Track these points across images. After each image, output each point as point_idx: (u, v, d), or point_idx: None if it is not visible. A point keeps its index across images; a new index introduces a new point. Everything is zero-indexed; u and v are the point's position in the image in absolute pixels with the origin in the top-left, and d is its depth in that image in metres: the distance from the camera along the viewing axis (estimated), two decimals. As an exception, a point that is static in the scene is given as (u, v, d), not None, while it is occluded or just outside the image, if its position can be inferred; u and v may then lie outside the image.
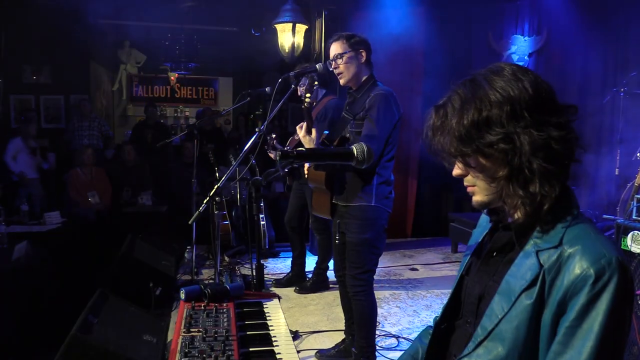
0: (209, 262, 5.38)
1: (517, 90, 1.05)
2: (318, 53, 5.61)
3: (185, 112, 11.15)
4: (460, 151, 1.07)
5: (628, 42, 6.00)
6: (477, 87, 1.09)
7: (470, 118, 1.05)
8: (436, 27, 6.42)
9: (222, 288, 1.80)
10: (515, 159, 1.05)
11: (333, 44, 2.86)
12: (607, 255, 0.99)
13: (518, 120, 1.04)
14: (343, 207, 2.86)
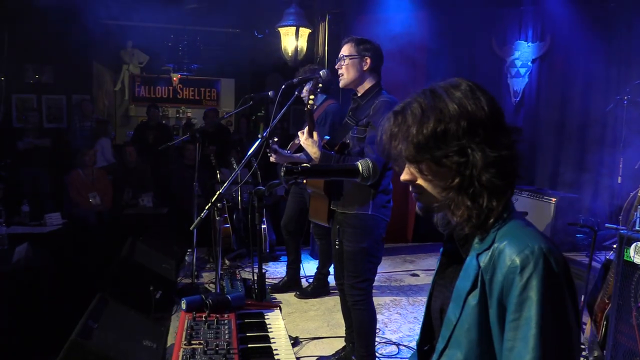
0: (209, 265, 5.37)
1: (474, 107, 1.09)
2: (321, 56, 5.60)
3: (187, 112, 11.13)
4: (416, 158, 1.11)
5: (631, 49, 5.98)
6: (437, 98, 1.12)
7: (430, 128, 1.08)
8: (439, 31, 6.41)
9: (224, 299, 1.78)
10: (467, 172, 1.09)
11: (343, 46, 2.87)
12: (529, 245, 1.03)
13: (473, 135, 1.08)
14: (340, 214, 2.85)
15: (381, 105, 2.70)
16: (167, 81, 10.80)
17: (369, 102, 2.80)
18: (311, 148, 2.64)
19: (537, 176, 6.76)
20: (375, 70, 2.88)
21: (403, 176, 1.19)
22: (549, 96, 6.67)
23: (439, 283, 1.25)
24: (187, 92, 11.22)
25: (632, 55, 5.97)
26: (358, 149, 2.78)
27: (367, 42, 2.86)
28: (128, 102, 10.56)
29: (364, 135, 2.75)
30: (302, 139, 2.66)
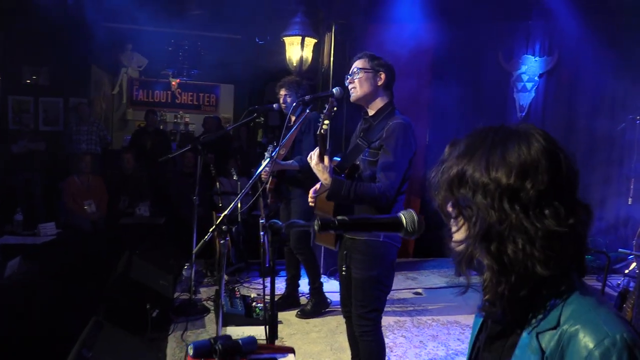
0: (207, 279, 5.22)
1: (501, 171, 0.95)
2: (326, 67, 5.48)
3: (186, 118, 11.00)
4: (442, 195, 1.02)
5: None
6: (481, 144, 1.00)
7: (457, 171, 0.99)
8: (446, 43, 6.30)
9: (234, 343, 1.65)
10: (471, 232, 0.98)
11: (355, 62, 2.76)
12: (610, 334, 0.88)
13: (485, 197, 0.96)
14: (349, 240, 2.72)
15: (395, 128, 2.58)
16: (165, 85, 10.66)
17: (381, 123, 2.67)
18: (322, 174, 2.51)
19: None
20: (389, 88, 2.76)
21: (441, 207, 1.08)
22: (556, 112, 6.57)
23: (486, 356, 1.09)
24: (186, 97, 11.08)
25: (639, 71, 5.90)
26: (369, 172, 2.65)
27: (380, 58, 2.76)
28: (126, 105, 10.41)
29: (376, 158, 2.62)
30: (312, 164, 2.53)
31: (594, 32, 5.92)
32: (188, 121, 11.03)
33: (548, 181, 0.94)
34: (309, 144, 4.26)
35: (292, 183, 4.39)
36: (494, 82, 6.73)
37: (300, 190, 4.37)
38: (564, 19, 6.12)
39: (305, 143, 4.26)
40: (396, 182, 2.53)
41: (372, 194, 2.50)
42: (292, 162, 4.19)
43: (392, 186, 2.53)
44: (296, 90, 4.31)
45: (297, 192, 4.39)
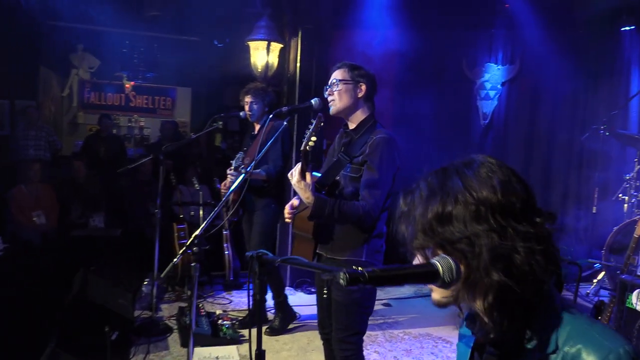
0: (168, 294, 4.96)
1: (485, 191, 0.97)
2: (292, 73, 5.32)
3: (140, 122, 10.53)
4: (422, 243, 0.99)
5: (599, 75, 6.04)
6: (447, 178, 1.01)
7: (435, 211, 0.97)
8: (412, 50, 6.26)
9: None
10: (473, 264, 0.95)
11: (334, 72, 2.62)
12: (613, 349, 0.90)
13: (480, 222, 0.95)
14: (329, 260, 2.58)
15: (379, 143, 2.45)
16: (118, 88, 10.20)
17: (363, 137, 2.54)
18: (304, 192, 2.35)
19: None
20: (370, 100, 2.64)
21: (415, 262, 1.04)
22: (518, 120, 6.65)
23: None
24: (141, 100, 10.62)
25: (599, 80, 6.03)
26: (351, 189, 2.52)
27: (361, 68, 2.62)
28: (76, 108, 9.90)
29: (359, 174, 2.49)
30: (294, 181, 2.37)
31: (556, 42, 6.02)
32: (143, 125, 10.57)
33: (524, 193, 0.98)
34: (277, 154, 4.10)
35: (257, 193, 4.19)
36: (458, 90, 6.75)
37: (266, 201, 4.19)
38: (527, 28, 6.19)
39: (273, 152, 4.10)
40: (381, 201, 2.41)
41: (357, 213, 2.37)
42: (259, 172, 4.01)
43: (377, 205, 2.41)
44: (262, 98, 4.14)
45: (261, 203, 4.20)
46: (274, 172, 4.02)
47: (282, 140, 4.08)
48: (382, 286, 0.78)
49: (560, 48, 6.02)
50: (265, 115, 4.21)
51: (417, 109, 6.37)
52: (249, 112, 4.13)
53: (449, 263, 0.91)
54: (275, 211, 4.16)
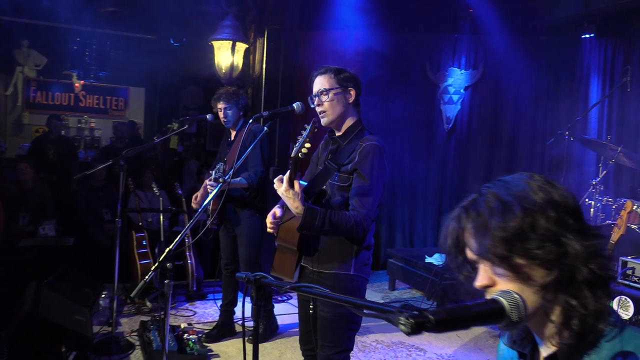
0: (127, 307, 4.67)
1: (558, 196, 1.00)
2: (258, 75, 5.14)
3: (91, 122, 10.08)
4: (506, 254, 0.97)
5: (560, 80, 6.16)
6: (515, 187, 1.02)
7: (518, 219, 0.97)
8: (375, 54, 6.22)
9: None
10: (566, 263, 0.95)
11: (318, 78, 2.44)
12: None
13: (564, 225, 0.97)
14: (315, 273, 2.43)
15: (369, 150, 2.32)
16: (67, 87, 9.71)
17: (351, 144, 2.41)
18: (292, 201, 2.19)
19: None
20: (358, 104, 2.51)
21: (480, 281, 1.02)
22: (481, 124, 6.71)
23: None
24: (91, 99, 10.17)
25: (560, 86, 6.15)
26: (340, 198, 2.38)
27: (345, 71, 2.47)
28: (21, 108, 9.34)
29: (347, 183, 2.36)
30: (281, 190, 2.21)
31: (519, 47, 6.10)
32: (93, 126, 10.13)
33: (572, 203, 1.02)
34: (256, 159, 3.91)
35: (239, 204, 3.99)
36: (422, 94, 6.75)
37: (248, 212, 3.99)
38: (490, 33, 6.25)
39: (252, 158, 3.91)
40: (372, 210, 2.29)
41: (348, 223, 2.23)
42: (240, 180, 3.81)
43: (369, 214, 2.28)
44: (235, 102, 3.94)
45: (244, 214, 4.00)
46: (256, 180, 3.82)
47: (262, 145, 3.89)
48: (449, 331, 0.65)
49: (522, 53, 6.11)
50: (241, 120, 4.01)
51: (381, 112, 6.33)
52: (224, 118, 3.93)
53: (515, 299, 0.80)
54: (260, 220, 3.95)
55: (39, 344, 3.17)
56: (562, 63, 6.10)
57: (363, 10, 5.76)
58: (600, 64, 5.72)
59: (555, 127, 6.10)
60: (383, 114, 6.36)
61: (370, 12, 5.79)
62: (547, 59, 6.19)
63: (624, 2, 5.24)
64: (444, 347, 4.20)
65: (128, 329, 4.18)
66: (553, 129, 6.14)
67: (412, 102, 6.65)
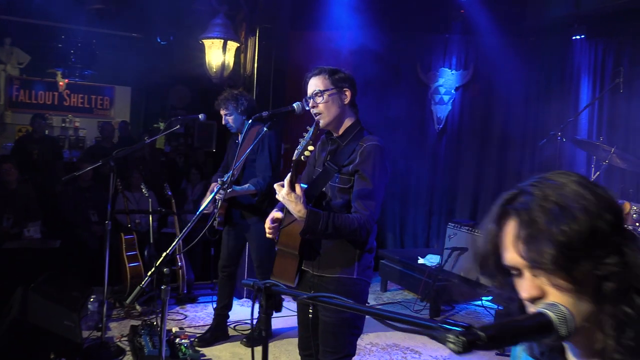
0: (116, 311, 4.57)
1: (608, 197, 0.93)
2: (249, 74, 5.06)
3: (75, 122, 9.89)
4: (567, 263, 0.87)
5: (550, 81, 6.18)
6: (564, 186, 0.93)
7: (581, 224, 0.88)
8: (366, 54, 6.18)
9: None
10: (627, 273, 0.88)
11: (312, 79, 2.39)
12: None
13: (620, 231, 0.91)
14: (316, 277, 2.38)
15: (371, 151, 2.28)
16: (51, 85, 9.51)
17: (351, 144, 2.36)
18: (294, 205, 2.13)
19: (458, 207, 6.76)
20: (354, 104, 2.47)
21: (528, 292, 0.91)
22: (471, 125, 6.70)
23: None
24: (76, 98, 9.97)
25: (550, 87, 6.17)
26: (341, 201, 2.33)
27: (340, 71, 2.42)
28: (4, 107, 9.13)
29: (348, 185, 2.31)
30: (282, 193, 2.15)
31: (509, 48, 6.10)
32: (78, 125, 9.95)
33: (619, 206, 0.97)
34: (264, 164, 3.84)
35: (248, 209, 3.93)
36: (413, 94, 6.73)
37: (256, 219, 3.93)
38: (480, 34, 6.25)
39: (260, 163, 3.84)
40: (376, 212, 2.25)
41: (352, 226, 2.19)
42: (248, 187, 3.74)
43: (372, 217, 2.24)
44: (235, 107, 3.85)
45: (253, 219, 3.94)
46: (264, 186, 3.75)
47: (270, 149, 3.82)
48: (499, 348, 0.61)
49: (513, 54, 6.11)
50: (246, 123, 3.92)
51: (372, 112, 6.28)
52: (227, 125, 3.87)
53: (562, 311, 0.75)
54: None
55: (27, 351, 3.07)
56: (553, 64, 6.12)
57: (355, 9, 5.72)
58: (591, 65, 5.75)
59: (546, 128, 6.12)
60: (373, 114, 6.32)
61: (362, 12, 5.75)
62: (537, 59, 6.20)
63: (615, 3, 5.28)
64: (438, 350, 4.17)
65: (118, 334, 4.09)
66: (544, 129, 6.16)
67: (403, 102, 6.63)
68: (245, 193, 3.75)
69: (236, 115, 3.87)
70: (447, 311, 5.13)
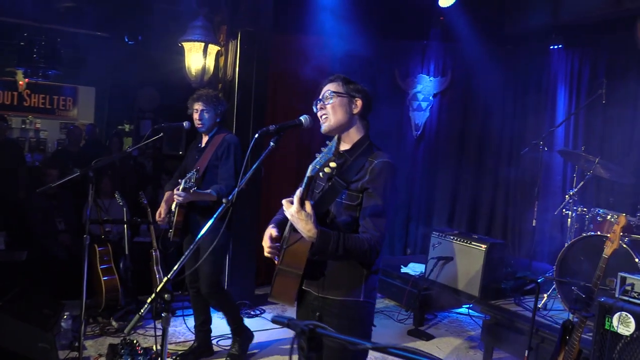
0: (90, 327, 4.32)
1: None
2: (230, 78, 4.90)
3: (36, 123, 9.46)
4: None
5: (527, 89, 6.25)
6: None
7: None
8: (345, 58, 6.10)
9: None
10: None
11: (326, 85, 2.34)
12: None
13: None
14: (319, 299, 2.26)
15: (383, 168, 2.18)
16: (10, 85, 9.04)
17: (359, 160, 2.26)
18: (304, 224, 2.01)
19: (435, 214, 6.76)
20: (365, 118, 2.38)
21: None
22: (449, 131, 6.72)
23: None
24: (36, 99, 9.53)
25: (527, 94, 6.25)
26: (346, 218, 2.22)
27: (356, 82, 2.36)
28: (-43, 108, 8.62)
29: (356, 202, 2.20)
30: (292, 211, 2.02)
31: (487, 55, 6.13)
32: (39, 127, 9.52)
33: None
34: (228, 172, 3.67)
35: (204, 215, 3.70)
36: (391, 100, 6.68)
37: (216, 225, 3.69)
38: (459, 41, 6.26)
39: (223, 171, 3.67)
40: (385, 232, 2.15)
41: (362, 247, 2.08)
42: (210, 192, 3.57)
43: (383, 237, 2.14)
44: (215, 106, 3.70)
45: (211, 227, 3.70)
46: (226, 193, 3.57)
47: (235, 157, 3.67)
48: None
49: (491, 62, 6.16)
50: (216, 127, 3.77)
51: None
52: (199, 121, 3.67)
53: None
54: (226, 236, 3.72)
55: (0, 379, 2.84)
56: (530, 72, 6.20)
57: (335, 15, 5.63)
58: (567, 75, 5.84)
59: (522, 135, 6.20)
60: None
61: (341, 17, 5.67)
62: (515, 68, 6.27)
63: (592, 15, 5.36)
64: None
65: (95, 354, 3.85)
66: (520, 136, 6.24)
67: (382, 109, 6.57)
68: (206, 198, 3.56)
69: (212, 115, 3.72)
70: (430, 320, 5.10)
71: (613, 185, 5.10)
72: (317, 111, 2.32)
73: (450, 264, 4.73)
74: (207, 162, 3.68)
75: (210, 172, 3.71)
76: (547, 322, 3.93)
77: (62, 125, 9.69)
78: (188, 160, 3.91)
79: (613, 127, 5.36)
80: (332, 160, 1.95)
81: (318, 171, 1.96)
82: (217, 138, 3.74)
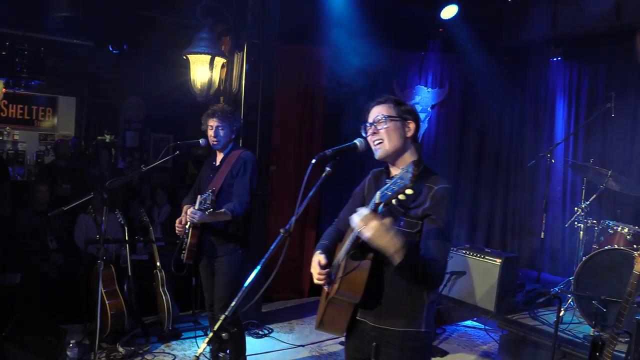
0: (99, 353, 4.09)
1: None
2: (236, 92, 4.76)
3: (14, 135, 9.10)
4: None
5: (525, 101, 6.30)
6: None
7: None
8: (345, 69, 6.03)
9: None
10: None
11: (376, 107, 2.21)
12: None
13: None
14: (377, 329, 2.15)
15: (444, 194, 2.10)
16: (-14, 95, 8.67)
17: (417, 185, 2.16)
18: (391, 240, 1.85)
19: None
20: (416, 141, 2.29)
21: None
22: (447, 143, 6.71)
23: None
24: (14, 109, 9.17)
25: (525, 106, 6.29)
26: (405, 243, 2.13)
27: (406, 104, 2.27)
28: None
29: (416, 230, 2.11)
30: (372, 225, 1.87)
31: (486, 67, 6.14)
32: (17, 139, 9.16)
33: None
34: (243, 187, 3.52)
35: (219, 236, 3.52)
36: (389, 111, 6.63)
37: (230, 246, 3.49)
38: (457, 52, 6.27)
39: (239, 186, 3.52)
40: (448, 258, 2.09)
41: (437, 270, 2.01)
42: (225, 211, 3.38)
43: (447, 263, 2.07)
44: (230, 123, 3.54)
45: (226, 249, 3.49)
46: (241, 211, 3.40)
47: (252, 174, 3.53)
48: None
49: (490, 74, 6.17)
50: (231, 144, 3.63)
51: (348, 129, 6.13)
52: (214, 138, 3.51)
53: None
54: (241, 257, 3.51)
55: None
56: (529, 84, 6.25)
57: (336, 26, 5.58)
58: (566, 86, 5.90)
59: (521, 146, 6.24)
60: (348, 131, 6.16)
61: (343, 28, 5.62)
62: (514, 79, 6.31)
63: (590, 27, 5.43)
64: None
65: (104, 384, 3.65)
66: (519, 147, 6.28)
67: (380, 119, 6.54)
68: (222, 219, 3.39)
69: (227, 132, 3.57)
70: (439, 334, 5.04)
71: (615, 197, 5.15)
72: (366, 135, 2.20)
73: (463, 278, 4.68)
74: (222, 181, 3.53)
75: (225, 192, 3.54)
76: (568, 336, 3.91)
77: (41, 136, 9.35)
78: (202, 179, 3.75)
79: (613, 139, 5.43)
80: (408, 187, 1.83)
81: (391, 198, 1.84)
82: (232, 156, 3.58)
